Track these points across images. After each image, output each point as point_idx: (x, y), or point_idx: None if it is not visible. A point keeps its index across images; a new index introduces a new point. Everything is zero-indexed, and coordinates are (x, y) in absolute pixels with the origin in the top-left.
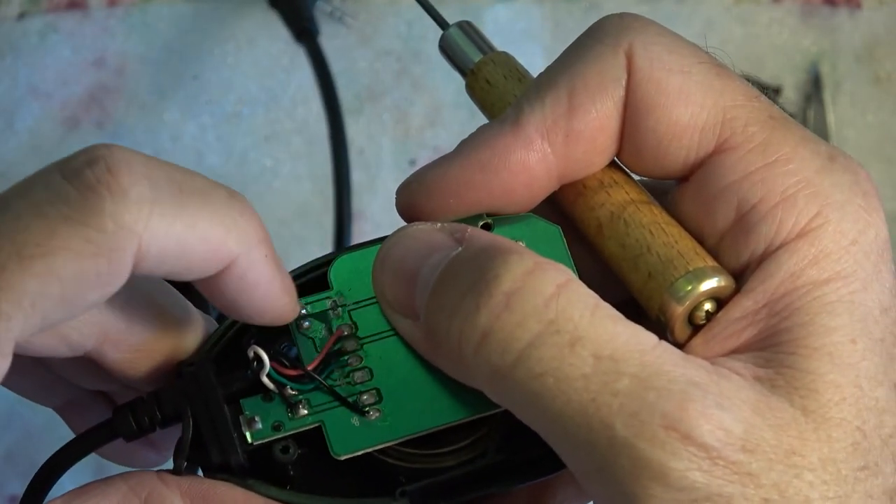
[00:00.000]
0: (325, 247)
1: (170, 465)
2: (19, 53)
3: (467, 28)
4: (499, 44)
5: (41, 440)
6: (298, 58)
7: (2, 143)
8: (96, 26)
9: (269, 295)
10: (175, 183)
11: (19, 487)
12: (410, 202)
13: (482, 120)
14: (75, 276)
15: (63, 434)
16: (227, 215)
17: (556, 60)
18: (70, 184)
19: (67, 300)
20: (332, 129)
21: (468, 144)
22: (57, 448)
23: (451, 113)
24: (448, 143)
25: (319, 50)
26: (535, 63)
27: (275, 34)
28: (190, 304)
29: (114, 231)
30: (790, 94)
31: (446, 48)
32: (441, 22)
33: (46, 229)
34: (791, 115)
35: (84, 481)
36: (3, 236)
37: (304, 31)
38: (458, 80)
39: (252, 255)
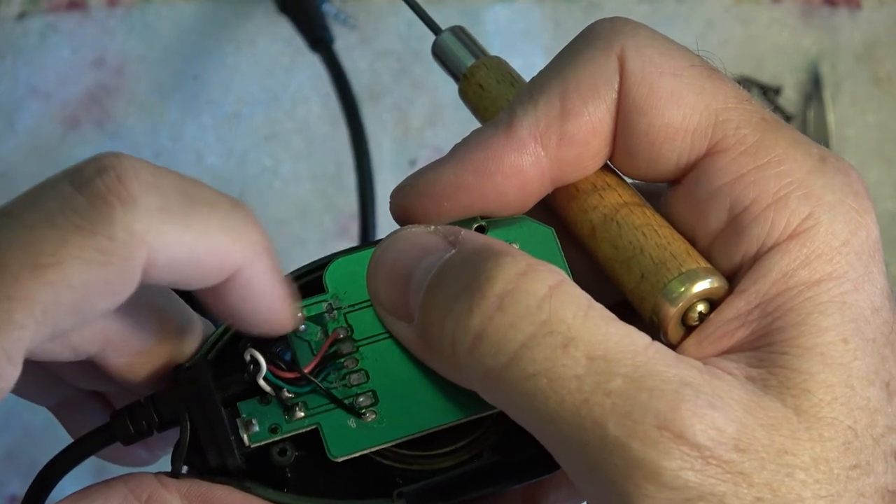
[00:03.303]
0: (325, 246)
1: (161, 463)
2: (19, 53)
3: (459, 33)
4: (499, 44)
5: (41, 440)
6: (299, 58)
7: (2, 143)
8: (96, 26)
9: (270, 305)
10: (183, 192)
11: (19, 487)
12: (404, 205)
13: (482, 120)
14: (86, 285)
15: (63, 435)
16: (233, 225)
17: (548, 64)
18: (80, 193)
19: (78, 309)
20: (354, 139)
21: (461, 148)
22: (57, 448)
23: (451, 113)
24: (448, 143)
25: (336, 58)
26: (535, 63)
27: (275, 34)
28: (189, 308)
29: (124, 240)
30: (790, 94)
31: (439, 53)
32: (434, 27)
33: (58, 239)
34: (791, 115)
35: (84, 482)
36: (17, 246)
37: (320, 40)
38: None
39: (256, 264)
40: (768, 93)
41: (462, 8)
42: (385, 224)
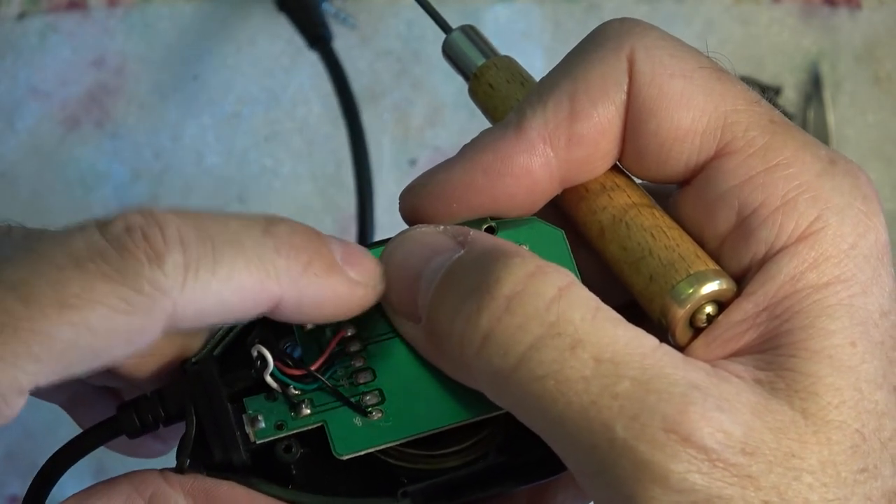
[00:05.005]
0: None
1: (173, 456)
2: (19, 53)
3: (470, 32)
4: (499, 44)
5: (41, 440)
6: (299, 58)
7: (2, 143)
8: (96, 26)
9: (335, 304)
10: (208, 239)
11: (19, 487)
12: (414, 206)
13: (483, 120)
14: (107, 332)
15: (63, 434)
16: (262, 259)
17: (558, 65)
18: (110, 244)
19: (95, 353)
20: (352, 137)
21: (471, 148)
22: (57, 448)
23: (452, 113)
24: (448, 143)
25: (335, 56)
26: (535, 64)
27: (275, 34)
28: None
29: (150, 294)
30: (790, 94)
31: (449, 52)
32: (444, 26)
33: (87, 283)
34: (791, 115)
35: (84, 477)
36: (46, 283)
37: (319, 38)
38: (459, 80)
39: (299, 285)
40: (768, 93)
41: (462, 8)
42: (385, 224)
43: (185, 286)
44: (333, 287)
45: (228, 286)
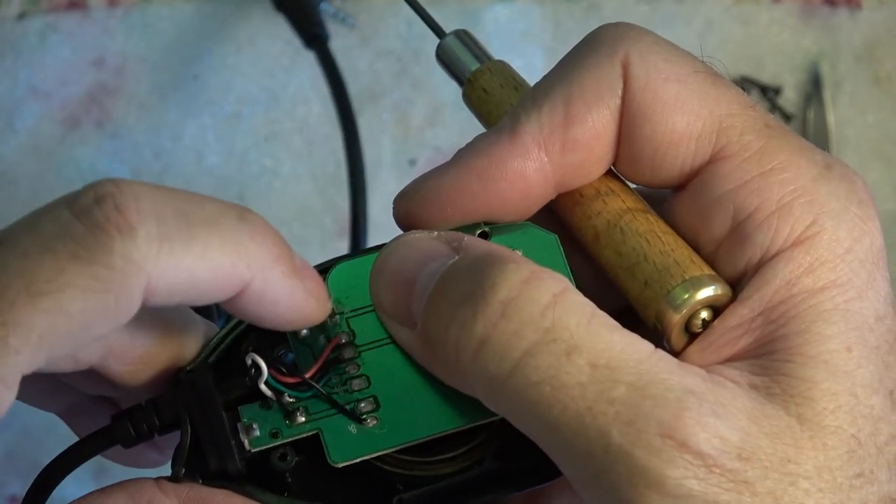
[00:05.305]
0: (325, 247)
1: (169, 465)
2: (19, 53)
3: (464, 36)
4: (498, 44)
5: (41, 440)
6: (299, 58)
7: (2, 143)
8: (96, 26)
9: (290, 308)
10: (184, 215)
11: (19, 487)
12: (408, 211)
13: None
14: (83, 313)
15: (63, 435)
16: (237, 242)
17: (552, 69)
18: (79, 221)
19: (74, 335)
20: (347, 136)
21: (465, 153)
22: (57, 448)
23: (452, 113)
24: (448, 143)
25: (331, 56)
26: (535, 63)
27: (275, 34)
28: (191, 311)
29: (122, 269)
30: (790, 94)
31: (443, 57)
32: (438, 30)
33: (55, 266)
34: (791, 115)
35: (84, 481)
36: (13, 273)
37: (315, 38)
38: None
39: (266, 276)
40: (768, 93)
41: (462, 8)
42: (384, 224)
43: (158, 259)
44: (293, 290)
45: (202, 263)
